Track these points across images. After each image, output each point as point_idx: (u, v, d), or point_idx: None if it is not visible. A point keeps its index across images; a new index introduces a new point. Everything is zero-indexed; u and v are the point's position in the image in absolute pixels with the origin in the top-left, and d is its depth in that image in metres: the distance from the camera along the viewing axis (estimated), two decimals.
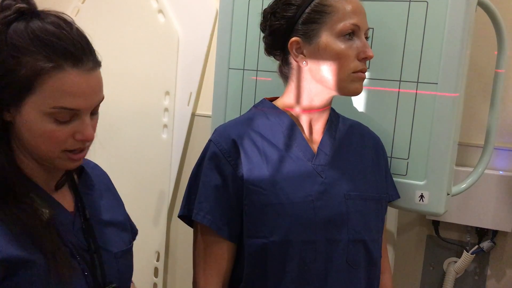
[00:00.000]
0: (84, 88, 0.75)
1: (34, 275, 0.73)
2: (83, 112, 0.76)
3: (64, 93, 0.73)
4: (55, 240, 0.77)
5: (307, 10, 0.95)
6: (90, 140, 0.79)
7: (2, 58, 0.73)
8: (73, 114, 0.76)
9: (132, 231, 0.99)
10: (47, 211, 0.78)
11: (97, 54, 0.79)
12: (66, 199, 0.86)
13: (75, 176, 0.90)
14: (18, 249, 0.73)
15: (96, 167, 0.98)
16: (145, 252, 1.74)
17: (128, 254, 0.92)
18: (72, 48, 0.74)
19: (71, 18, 0.79)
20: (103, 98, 0.80)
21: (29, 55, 0.72)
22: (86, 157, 0.86)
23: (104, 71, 0.81)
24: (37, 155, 0.78)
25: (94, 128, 0.80)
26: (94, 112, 0.80)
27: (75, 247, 0.81)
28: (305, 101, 1.00)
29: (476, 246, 1.39)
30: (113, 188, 0.99)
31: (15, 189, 0.76)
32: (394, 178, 1.12)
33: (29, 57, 0.72)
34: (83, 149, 0.80)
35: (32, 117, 0.74)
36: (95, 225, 0.87)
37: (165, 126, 1.71)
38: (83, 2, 1.78)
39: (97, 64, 0.78)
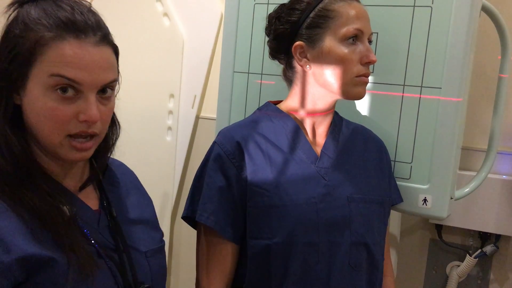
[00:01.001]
0: (87, 60, 0.71)
1: (56, 274, 0.69)
2: (87, 89, 0.71)
3: (63, 63, 0.70)
4: (77, 237, 0.72)
5: (311, 15, 0.96)
6: (94, 121, 0.72)
7: (13, 37, 0.72)
8: (76, 91, 0.71)
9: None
10: (69, 207, 0.74)
11: (110, 35, 0.76)
12: (90, 198, 0.82)
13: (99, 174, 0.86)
14: (38, 246, 0.68)
15: (121, 165, 0.94)
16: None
17: (159, 253, 0.88)
18: (78, 20, 0.71)
19: (89, 3, 0.76)
20: (113, 80, 0.75)
21: (34, 28, 0.70)
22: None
23: None
24: (41, 142, 0.74)
25: (105, 116, 0.75)
26: (104, 96, 0.74)
27: (101, 246, 0.76)
28: (309, 105, 1.01)
29: (479, 250, 1.39)
30: (140, 186, 0.95)
31: (33, 178, 0.72)
32: (397, 182, 1.13)
33: (33, 31, 0.70)
34: (87, 135, 0.73)
35: (35, 95, 0.71)
36: (123, 224, 0.83)
37: (170, 128, 1.72)
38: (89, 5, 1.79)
39: (107, 42, 0.74)
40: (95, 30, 0.72)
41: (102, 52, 0.73)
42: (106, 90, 0.74)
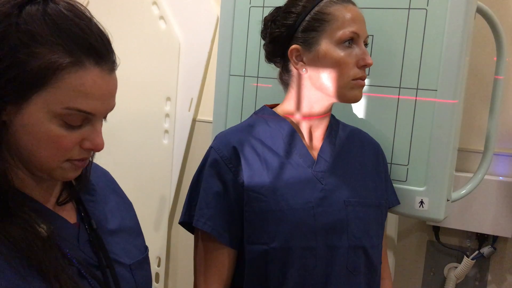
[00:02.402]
0: (104, 90, 0.65)
1: None
2: (96, 118, 0.67)
3: (82, 94, 0.63)
4: (57, 260, 0.65)
5: (307, 18, 0.96)
6: (100, 150, 0.68)
7: (11, 46, 0.61)
8: (84, 119, 0.66)
9: None
10: (45, 226, 0.66)
11: (115, 55, 0.69)
12: (66, 210, 0.75)
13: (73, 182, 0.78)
14: (14, 277, 0.61)
15: (96, 167, 0.85)
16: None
17: (144, 263, 0.82)
18: (95, 43, 0.64)
19: (84, 8, 0.68)
20: (114, 105, 0.70)
21: (45, 45, 0.61)
22: None
23: None
24: (33, 163, 0.67)
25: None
26: (103, 120, 0.70)
27: (82, 264, 0.70)
28: (305, 108, 1.01)
29: (477, 252, 1.39)
30: (118, 189, 0.88)
31: (8, 202, 0.65)
32: (394, 184, 1.13)
33: (45, 48, 0.61)
34: (88, 158, 0.70)
35: (37, 119, 0.63)
36: (103, 235, 0.76)
37: (166, 131, 1.72)
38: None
39: (115, 66, 0.69)
40: (110, 54, 0.67)
41: (114, 79, 0.68)
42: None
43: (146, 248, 0.85)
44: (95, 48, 0.64)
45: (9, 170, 0.66)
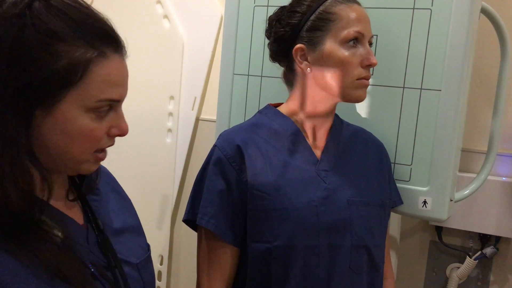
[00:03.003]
0: (124, 76, 0.66)
1: None
2: (119, 104, 0.67)
3: (110, 83, 0.63)
4: (74, 265, 0.64)
5: (311, 18, 0.96)
6: (126, 134, 0.68)
7: (31, 48, 0.59)
8: (110, 107, 0.66)
9: None
10: (60, 232, 0.64)
11: None
12: (74, 211, 0.73)
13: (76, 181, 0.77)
14: (40, 285, 0.60)
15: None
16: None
17: (149, 261, 0.82)
18: (110, 30, 0.64)
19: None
20: None
21: (66, 41, 0.60)
22: None
23: None
24: (63, 161, 0.65)
25: None
26: None
27: (94, 266, 0.68)
28: (309, 107, 1.01)
29: (479, 252, 1.39)
30: (118, 187, 0.87)
31: (31, 214, 0.62)
32: (397, 184, 1.13)
33: (67, 44, 0.60)
34: (111, 146, 0.69)
35: (70, 116, 0.62)
36: (110, 236, 0.75)
37: (170, 130, 1.72)
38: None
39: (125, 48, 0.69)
40: (122, 40, 0.66)
41: (126, 63, 0.68)
42: None
43: (148, 246, 0.85)
44: (111, 36, 0.64)
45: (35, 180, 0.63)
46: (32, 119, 0.61)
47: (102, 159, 0.69)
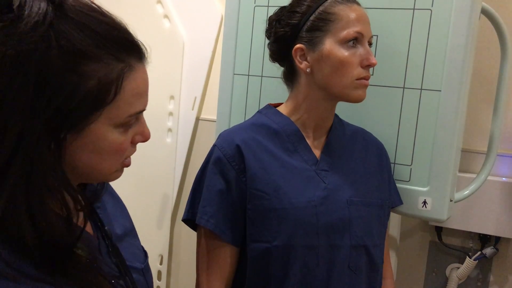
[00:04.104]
0: (148, 85, 0.63)
1: None
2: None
3: (138, 96, 0.60)
4: (100, 281, 0.62)
5: (311, 18, 0.96)
6: (148, 139, 0.66)
7: (57, 72, 0.53)
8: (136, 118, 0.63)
9: None
10: (82, 248, 0.61)
11: None
12: (81, 220, 0.67)
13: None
14: None
15: None
16: (148, 255, 1.75)
17: (149, 265, 0.81)
18: (131, 39, 0.60)
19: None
20: None
21: (94, 59, 0.55)
22: None
23: None
24: (92, 176, 0.63)
25: None
26: None
27: (109, 276, 0.66)
28: (309, 107, 1.01)
29: (479, 253, 1.39)
30: (112, 190, 0.85)
31: (73, 242, 0.59)
32: (397, 184, 1.13)
33: (95, 63, 0.55)
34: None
35: (100, 134, 0.59)
36: (116, 243, 0.73)
37: (170, 130, 1.72)
38: None
39: None
40: (142, 45, 0.62)
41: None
42: None
43: (144, 249, 0.84)
44: (134, 44, 0.61)
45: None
46: (63, 144, 0.57)
47: (128, 165, 0.67)
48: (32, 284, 0.54)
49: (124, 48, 0.59)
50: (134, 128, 0.64)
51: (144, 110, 0.63)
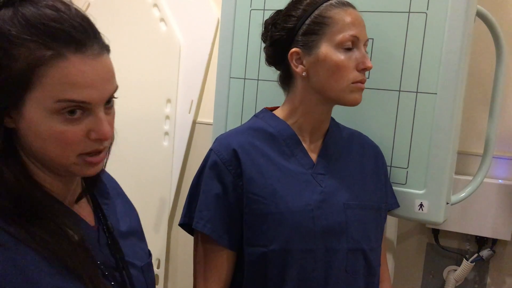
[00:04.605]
0: (92, 76, 0.64)
1: None
2: (95, 106, 0.65)
3: (69, 84, 0.62)
4: (90, 263, 0.68)
5: (307, 22, 0.96)
6: (107, 138, 0.67)
7: None
8: (84, 110, 0.65)
9: None
10: (75, 230, 0.68)
11: (103, 37, 0.68)
12: (86, 212, 0.76)
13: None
14: (61, 279, 0.64)
15: (104, 172, 0.87)
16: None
17: (151, 265, 0.85)
18: (73, 31, 0.63)
19: (69, 1, 0.68)
20: (116, 88, 0.69)
21: (22, 45, 0.61)
22: None
23: None
24: (50, 163, 0.68)
25: (111, 125, 0.70)
26: (108, 106, 0.69)
27: (104, 266, 0.72)
28: (305, 111, 1.01)
29: (476, 255, 1.40)
30: (122, 192, 0.89)
31: (39, 207, 0.66)
32: (393, 187, 1.13)
33: (23, 47, 0.61)
34: (101, 150, 0.69)
35: (37, 119, 0.63)
36: (118, 238, 0.78)
37: (166, 133, 1.72)
38: (85, 10, 1.80)
39: (104, 48, 0.67)
40: (92, 38, 0.65)
41: (103, 63, 0.66)
42: (110, 100, 0.70)
43: (149, 252, 0.87)
44: (73, 36, 0.63)
45: (33, 174, 0.68)
46: (8, 121, 0.65)
47: (94, 162, 0.69)
48: (15, 247, 0.63)
49: (55, 38, 0.62)
50: (89, 123, 0.66)
51: (85, 101, 0.64)
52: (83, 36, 0.64)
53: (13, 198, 0.65)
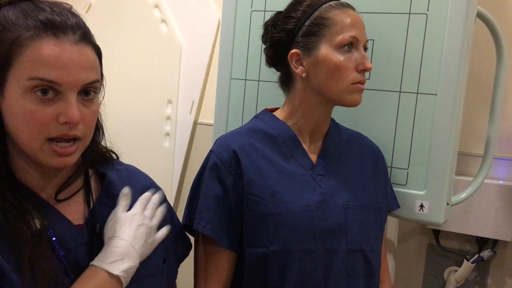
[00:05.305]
0: (65, 59, 0.68)
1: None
2: (66, 90, 0.68)
3: (41, 63, 0.67)
4: (40, 252, 0.68)
5: (306, 23, 0.96)
6: (75, 122, 0.69)
7: None
8: (56, 92, 0.68)
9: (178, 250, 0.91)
10: (39, 220, 0.70)
11: (92, 35, 0.73)
12: (73, 211, 0.77)
13: (97, 185, 0.82)
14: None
15: (135, 173, 0.90)
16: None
17: (153, 277, 0.81)
18: (56, 19, 0.69)
19: (70, 5, 0.75)
20: (95, 81, 0.71)
21: (10, 30, 0.68)
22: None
23: (107, 79, 0.78)
24: (22, 146, 0.70)
25: (88, 119, 0.71)
26: (86, 98, 0.71)
27: (72, 264, 0.72)
28: (305, 112, 1.01)
29: (477, 255, 1.40)
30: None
31: (0, 188, 0.69)
32: (394, 188, 1.13)
33: (10, 32, 0.68)
34: (69, 138, 0.70)
35: (13, 97, 0.68)
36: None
37: (167, 134, 1.73)
38: (86, 12, 1.80)
39: (87, 41, 0.71)
40: (75, 29, 0.70)
41: (81, 51, 0.69)
42: (89, 92, 0.71)
43: (159, 263, 0.84)
44: (54, 23, 0.68)
45: (8, 157, 0.72)
46: None
47: (61, 152, 0.70)
48: None
49: (37, 23, 0.68)
50: (59, 106, 0.68)
51: (54, 81, 0.67)
52: (64, 25, 0.69)
53: None
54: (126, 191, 0.83)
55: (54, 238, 0.72)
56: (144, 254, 0.78)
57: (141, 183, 0.88)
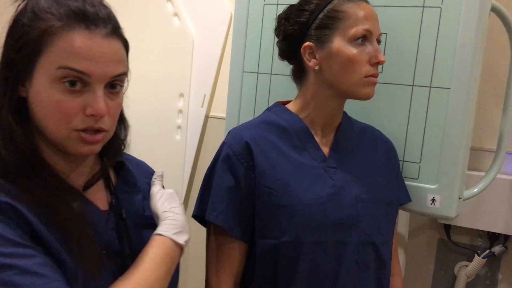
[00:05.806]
0: (95, 51, 0.68)
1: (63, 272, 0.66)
2: (94, 81, 0.69)
3: (72, 54, 0.67)
4: (86, 234, 0.70)
5: (320, 16, 0.96)
6: (101, 115, 0.70)
7: (21, 26, 0.69)
8: (84, 83, 0.69)
9: None
10: (77, 204, 0.71)
11: (121, 29, 0.74)
12: (98, 197, 0.80)
13: (112, 173, 0.84)
14: (49, 236, 0.67)
15: (141, 164, 0.94)
16: None
17: None
18: (89, 10, 0.69)
19: None
20: (122, 74, 0.73)
21: (43, 18, 0.68)
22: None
23: None
24: (49, 135, 0.71)
25: (113, 112, 0.73)
26: (112, 91, 0.72)
27: (105, 248, 0.74)
28: (318, 105, 1.01)
29: (488, 251, 1.39)
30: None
31: (38, 172, 0.70)
32: (406, 182, 1.13)
33: (43, 20, 0.68)
34: (97, 130, 0.71)
35: (42, 85, 0.68)
36: (133, 227, 0.80)
37: (179, 127, 1.74)
38: None
39: (117, 35, 0.72)
40: (106, 22, 0.70)
41: (111, 45, 0.71)
42: (115, 85, 0.73)
43: None
44: (85, 14, 0.69)
45: (39, 146, 0.73)
46: (16, 92, 0.71)
47: (89, 140, 0.71)
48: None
49: (70, 13, 0.69)
50: (86, 98, 0.69)
51: (83, 72, 0.68)
52: (96, 17, 0.69)
53: (20, 155, 0.70)
54: (161, 172, 0.91)
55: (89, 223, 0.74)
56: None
57: (148, 171, 0.94)
